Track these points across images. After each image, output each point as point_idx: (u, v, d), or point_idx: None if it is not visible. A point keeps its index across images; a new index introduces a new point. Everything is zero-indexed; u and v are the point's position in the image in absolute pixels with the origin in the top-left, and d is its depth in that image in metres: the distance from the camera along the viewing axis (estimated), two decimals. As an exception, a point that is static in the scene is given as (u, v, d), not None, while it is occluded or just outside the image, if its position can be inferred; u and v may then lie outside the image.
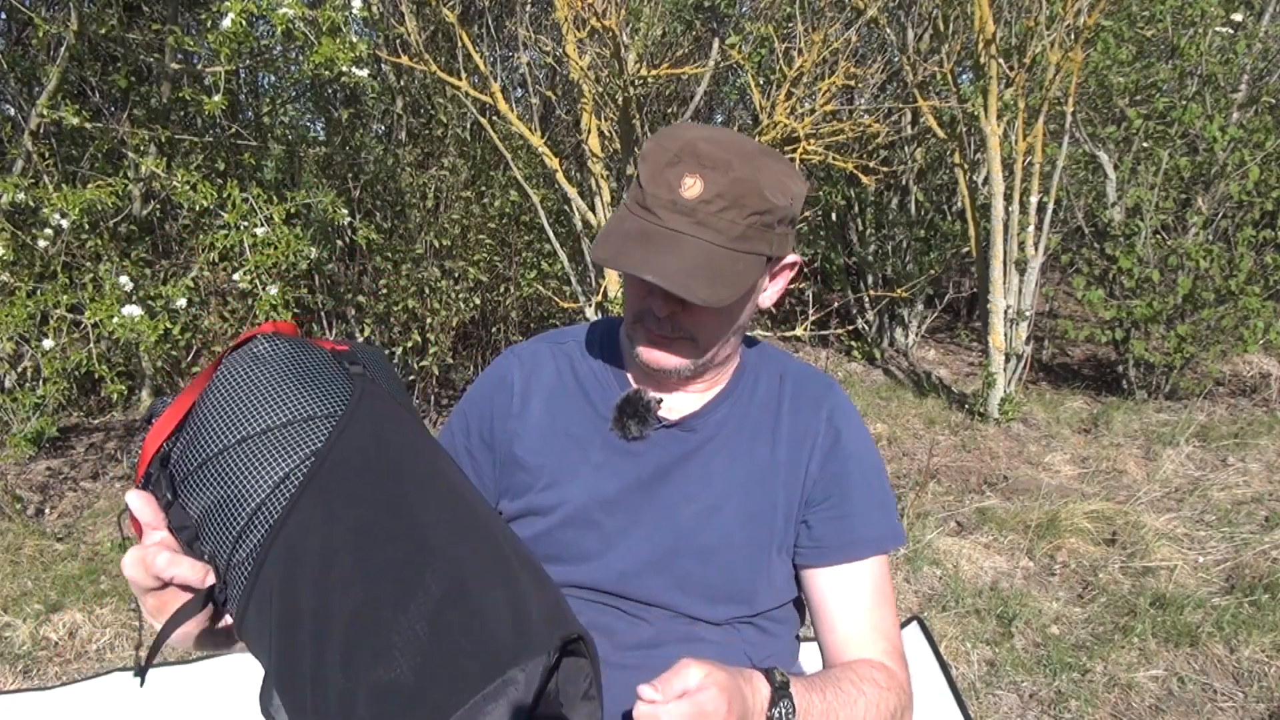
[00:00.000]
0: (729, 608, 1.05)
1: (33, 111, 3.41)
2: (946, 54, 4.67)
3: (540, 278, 4.77)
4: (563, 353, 1.15)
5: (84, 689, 1.56)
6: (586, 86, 3.79)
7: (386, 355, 0.98)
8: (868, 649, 1.03)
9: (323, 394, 0.82)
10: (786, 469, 1.06)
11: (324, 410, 0.81)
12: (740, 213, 0.92)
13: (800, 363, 1.16)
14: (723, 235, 0.92)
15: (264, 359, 0.83)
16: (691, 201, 0.91)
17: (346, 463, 0.78)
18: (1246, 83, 5.07)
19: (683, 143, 0.93)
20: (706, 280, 0.90)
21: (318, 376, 0.83)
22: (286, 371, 0.82)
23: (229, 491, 0.77)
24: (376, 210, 4.65)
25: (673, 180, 0.92)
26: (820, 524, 1.06)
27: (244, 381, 0.81)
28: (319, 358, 0.85)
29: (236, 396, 0.81)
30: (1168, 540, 3.21)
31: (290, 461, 0.77)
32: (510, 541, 0.83)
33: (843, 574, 1.05)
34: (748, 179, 0.92)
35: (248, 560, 0.75)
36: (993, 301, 4.54)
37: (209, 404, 0.81)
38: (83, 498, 3.59)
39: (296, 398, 0.81)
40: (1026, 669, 2.48)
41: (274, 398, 0.80)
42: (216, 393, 0.82)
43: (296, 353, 0.84)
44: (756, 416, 1.08)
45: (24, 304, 3.06)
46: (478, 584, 0.74)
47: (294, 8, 2.99)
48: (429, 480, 0.82)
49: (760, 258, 0.95)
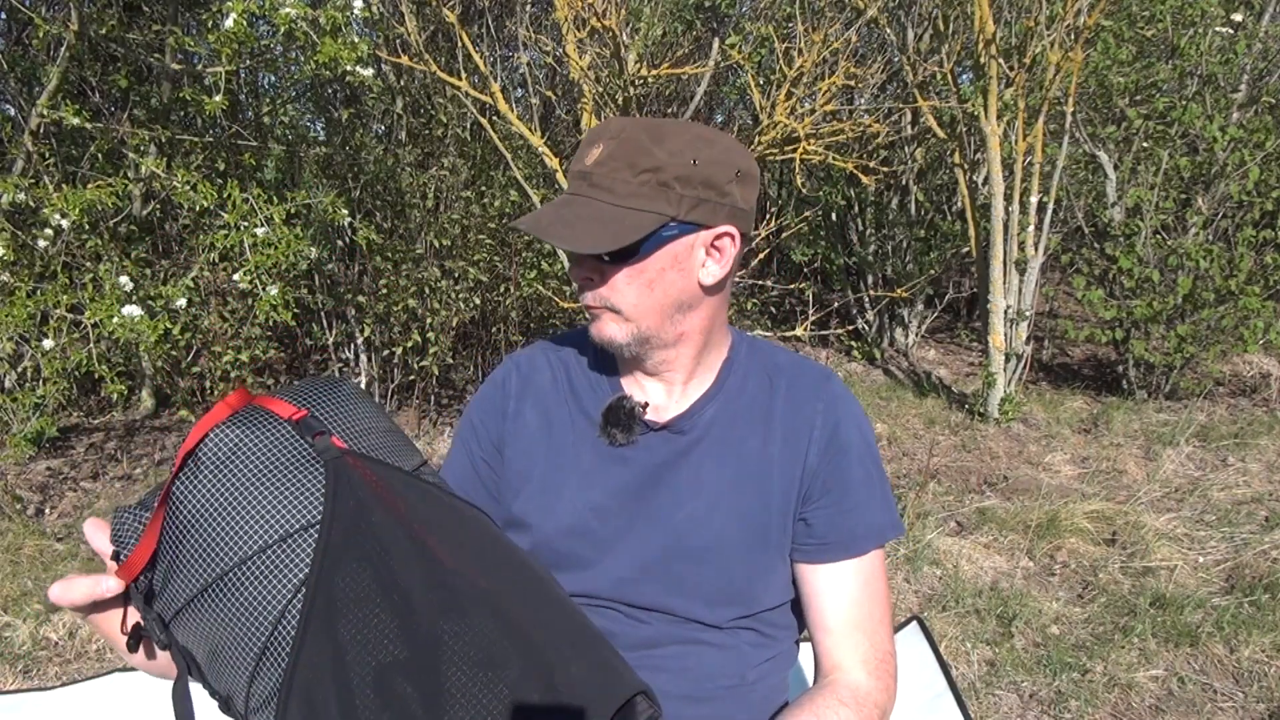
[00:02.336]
0: (728, 609, 1.04)
1: (33, 111, 3.42)
2: (946, 54, 4.67)
3: (540, 278, 4.77)
4: (558, 359, 1.15)
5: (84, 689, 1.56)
6: (586, 86, 3.79)
7: (345, 382, 0.93)
8: (855, 652, 1.03)
9: (294, 497, 0.77)
10: (781, 464, 1.05)
11: (300, 521, 0.76)
12: (631, 171, 0.95)
13: (795, 356, 1.15)
14: (614, 194, 0.96)
15: (223, 464, 0.78)
16: (589, 167, 0.97)
17: (341, 590, 0.75)
18: (1246, 83, 5.07)
19: (605, 123, 0.99)
20: (584, 230, 0.95)
21: (283, 475, 0.78)
22: (250, 478, 0.78)
23: (227, 635, 0.75)
24: (376, 210, 4.65)
25: (582, 153, 0.99)
26: (822, 520, 1.05)
27: (209, 500, 0.77)
28: (279, 443, 0.80)
29: (205, 521, 0.76)
30: (1168, 540, 3.21)
31: (281, 596, 0.74)
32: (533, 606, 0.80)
33: (842, 569, 1.05)
34: (637, 140, 0.96)
35: (267, 705, 0.74)
36: (993, 301, 4.54)
37: (178, 534, 0.77)
38: (83, 498, 3.59)
39: (268, 512, 0.76)
40: (1026, 669, 2.49)
41: (244, 517, 0.76)
42: (182, 518, 0.77)
43: (255, 446, 0.79)
44: (747, 413, 1.07)
45: (24, 304, 3.06)
46: (516, 688, 0.72)
47: (296, 8, 2.99)
48: (425, 567, 0.78)
49: (657, 216, 0.96)
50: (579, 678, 0.75)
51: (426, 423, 4.60)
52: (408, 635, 0.74)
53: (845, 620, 1.04)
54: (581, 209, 0.97)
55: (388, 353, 4.54)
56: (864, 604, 1.05)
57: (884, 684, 1.03)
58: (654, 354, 1.05)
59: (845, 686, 1.01)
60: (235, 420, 0.81)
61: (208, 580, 0.75)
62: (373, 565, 0.76)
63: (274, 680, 0.73)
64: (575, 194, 0.99)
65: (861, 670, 1.02)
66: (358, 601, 0.74)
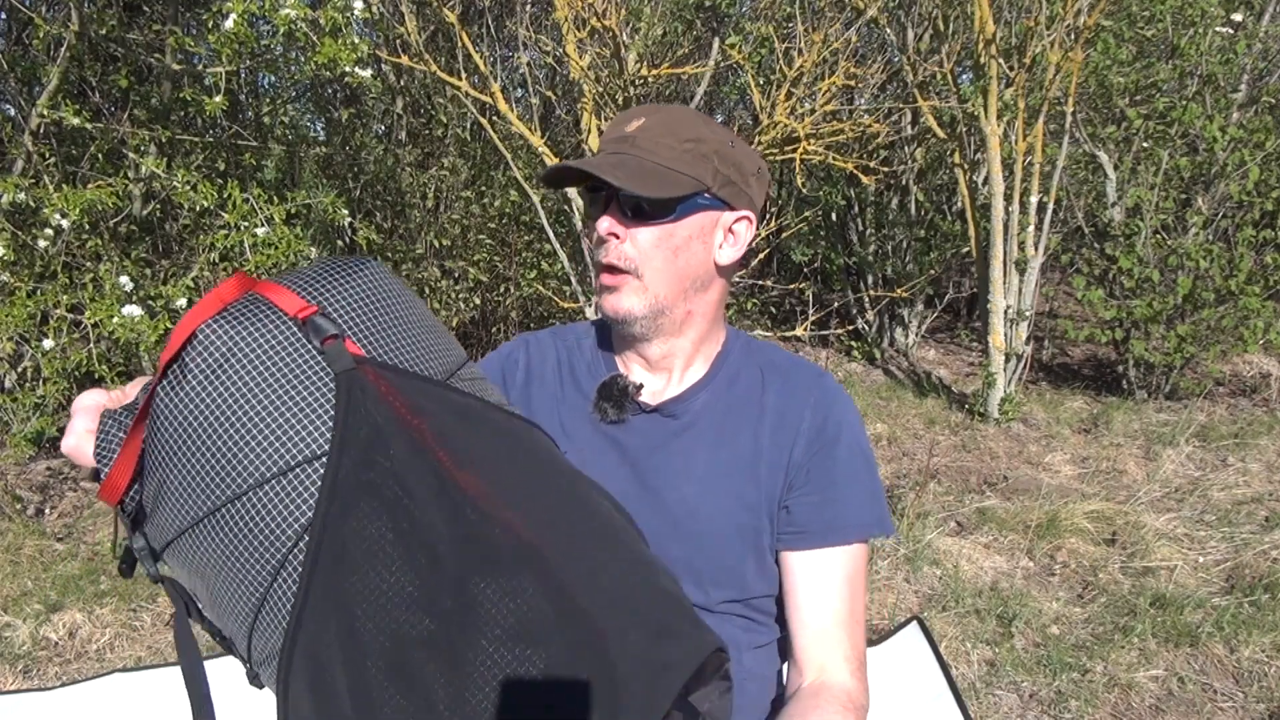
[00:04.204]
0: (720, 591, 1.05)
1: (33, 111, 3.42)
2: (946, 54, 4.67)
3: (540, 278, 4.77)
4: (564, 345, 1.18)
5: (84, 689, 1.56)
6: (587, 86, 3.79)
7: (366, 264, 0.77)
8: (838, 650, 1.03)
9: (298, 420, 0.66)
10: (769, 455, 1.06)
11: (304, 450, 0.66)
12: (675, 139, 0.99)
13: (790, 355, 1.17)
14: (658, 154, 0.99)
15: (213, 373, 0.66)
16: (631, 133, 1.01)
17: (352, 540, 0.65)
18: (1246, 83, 5.07)
19: (636, 108, 1.04)
20: (631, 175, 0.97)
21: (285, 390, 0.67)
22: (245, 395, 0.66)
23: (222, 579, 0.65)
24: (376, 210, 4.65)
25: (620, 122, 1.03)
26: (802, 509, 1.06)
27: (197, 419, 0.66)
28: (281, 348, 0.68)
29: (193, 444, 0.65)
30: (1168, 540, 3.21)
31: (281, 542, 0.64)
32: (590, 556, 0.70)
33: (822, 561, 1.06)
34: (681, 114, 1.02)
35: (269, 663, 0.65)
36: (993, 301, 4.54)
37: (164, 456, 0.67)
38: (83, 498, 3.59)
39: (266, 438, 0.65)
40: (1026, 669, 2.49)
41: (238, 444, 0.65)
42: (168, 437, 0.66)
43: (252, 351, 0.67)
44: (740, 405, 1.09)
45: (24, 304, 3.06)
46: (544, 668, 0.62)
47: (296, 8, 3.00)
48: (455, 514, 0.67)
49: (696, 181, 1.00)
50: (635, 649, 0.65)
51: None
52: (430, 600, 0.63)
53: (826, 615, 1.04)
54: (625, 160, 0.99)
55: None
56: (845, 599, 1.05)
57: (864, 685, 1.04)
58: (660, 335, 1.07)
59: (840, 690, 1.01)
60: (228, 316, 0.68)
61: (199, 514, 0.65)
62: (389, 511, 0.65)
63: (275, 638, 0.64)
64: (618, 152, 1.00)
65: (845, 670, 1.03)
66: (370, 555, 0.64)
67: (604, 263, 1.03)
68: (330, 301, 0.72)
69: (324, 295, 0.72)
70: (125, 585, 2.84)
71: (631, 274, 1.02)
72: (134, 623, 2.71)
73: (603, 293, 1.05)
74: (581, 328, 1.20)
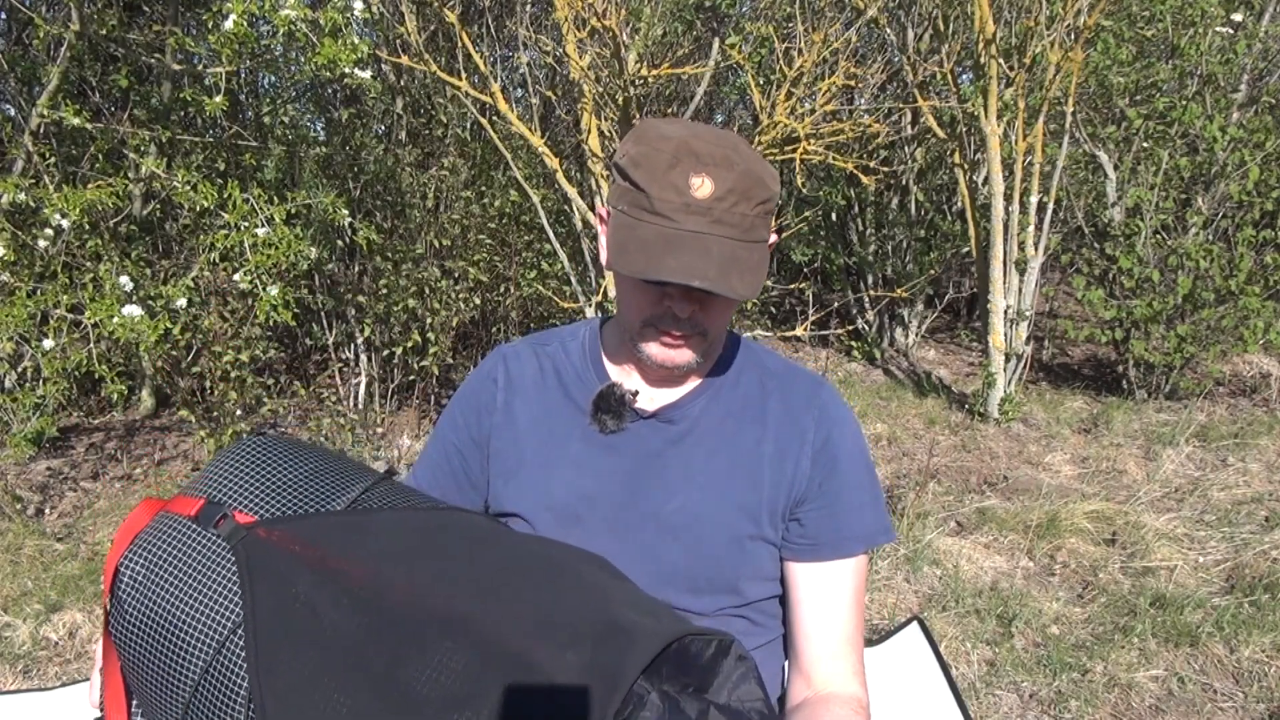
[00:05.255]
0: (715, 598, 1.05)
1: (33, 111, 3.42)
2: (946, 54, 4.67)
3: (540, 278, 4.77)
4: (546, 354, 1.16)
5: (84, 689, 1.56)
6: (587, 86, 3.79)
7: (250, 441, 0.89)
8: (848, 663, 1.04)
9: (216, 599, 0.75)
10: (773, 465, 1.06)
11: (229, 622, 0.74)
12: (749, 205, 0.93)
13: (785, 361, 1.17)
14: (738, 229, 0.93)
15: (141, 596, 0.77)
16: (705, 201, 0.92)
17: (287, 684, 0.71)
18: (1246, 83, 5.07)
19: (675, 143, 0.93)
20: (738, 275, 0.92)
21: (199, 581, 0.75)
22: (169, 600, 0.75)
23: None
24: (376, 210, 4.65)
25: (679, 182, 0.92)
26: (813, 521, 1.06)
27: (143, 638, 0.76)
28: (187, 547, 0.78)
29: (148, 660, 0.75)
30: (1168, 540, 3.21)
31: (237, 714, 0.71)
32: (520, 603, 0.74)
33: (830, 570, 1.06)
34: (751, 172, 0.94)
35: None
36: (993, 301, 4.54)
37: (136, 676, 0.76)
38: (83, 498, 3.60)
39: (197, 627, 0.74)
40: (1026, 669, 2.49)
41: (179, 642, 0.74)
42: (131, 660, 0.76)
43: (165, 563, 0.77)
44: (740, 410, 1.09)
45: (24, 304, 3.06)
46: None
47: (296, 9, 3.00)
48: (366, 614, 0.73)
49: (765, 244, 0.98)
50: (575, 665, 0.68)
51: (427, 423, 4.60)
52: (368, 706, 0.68)
53: (834, 627, 1.05)
54: (720, 251, 0.92)
55: (388, 353, 4.54)
56: (851, 610, 1.06)
57: (867, 690, 1.05)
58: (705, 363, 1.08)
59: (850, 697, 1.02)
60: (139, 544, 0.78)
61: (178, 716, 0.73)
62: (310, 639, 0.71)
63: None
64: (697, 232, 0.92)
65: (855, 682, 1.04)
66: (309, 688, 0.69)
67: (671, 330, 1.00)
68: (217, 488, 0.81)
69: (210, 485, 0.82)
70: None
71: (700, 335, 1.01)
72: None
73: (658, 347, 1.02)
74: (564, 333, 1.18)
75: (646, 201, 0.93)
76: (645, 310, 1.00)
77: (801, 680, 1.05)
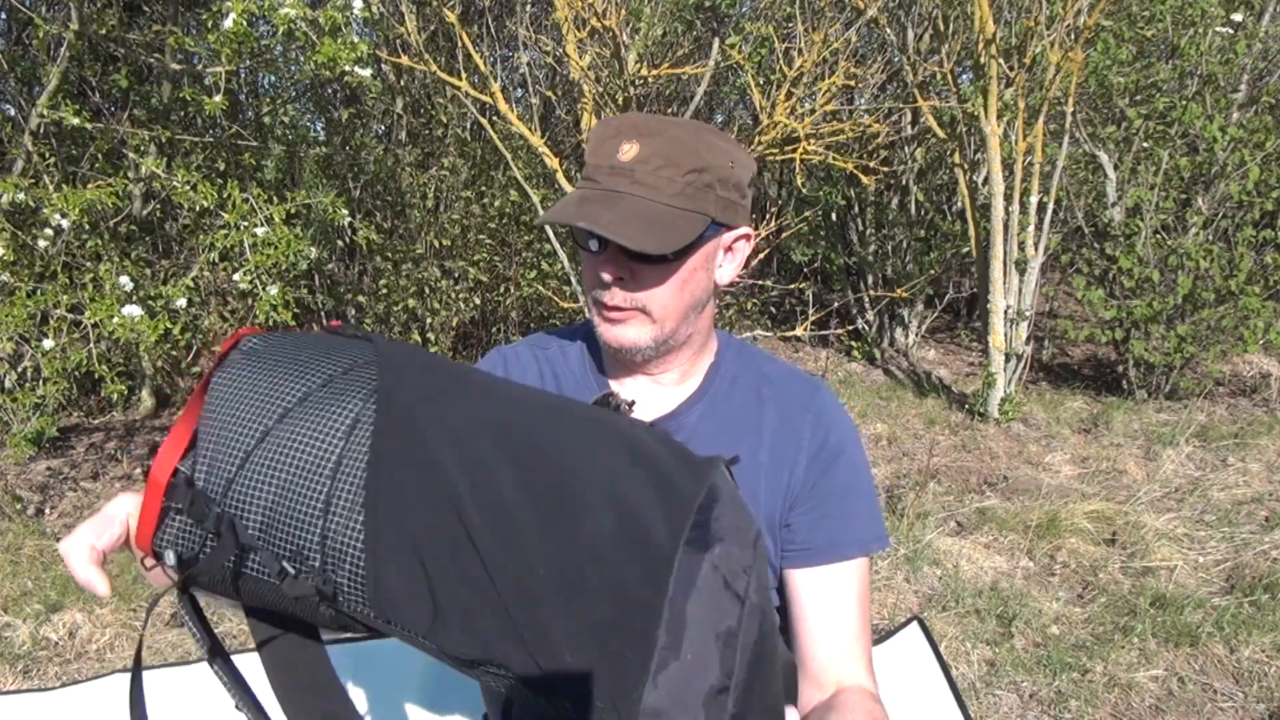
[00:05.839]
0: None
1: (33, 111, 3.41)
2: (946, 54, 4.67)
3: (540, 278, 4.77)
4: (545, 356, 1.15)
5: (84, 689, 1.56)
6: (587, 86, 3.79)
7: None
8: (854, 664, 1.03)
9: (343, 352, 0.73)
10: (769, 471, 1.05)
11: (357, 359, 0.72)
12: (677, 170, 0.94)
13: (783, 364, 1.15)
14: (660, 192, 0.94)
15: (260, 351, 0.73)
16: (628, 163, 0.94)
17: (415, 389, 0.70)
18: (1246, 83, 5.07)
19: (623, 120, 0.97)
20: (641, 229, 0.92)
21: (327, 343, 0.75)
22: (294, 349, 0.73)
23: (295, 464, 0.67)
24: (376, 210, 4.65)
25: (612, 149, 0.96)
26: (806, 525, 1.05)
27: (254, 372, 0.71)
28: (313, 335, 0.78)
29: (254, 385, 0.70)
30: (1168, 540, 3.21)
31: (352, 406, 0.68)
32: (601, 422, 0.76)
33: (829, 575, 1.05)
34: (682, 140, 0.95)
35: (351, 518, 0.66)
36: (993, 301, 4.54)
37: (223, 407, 0.70)
38: (83, 498, 3.60)
39: (320, 362, 0.72)
40: (1026, 669, 2.49)
41: (296, 370, 0.71)
42: (227, 393, 0.70)
43: (290, 336, 0.76)
44: (736, 420, 1.07)
45: (24, 304, 3.06)
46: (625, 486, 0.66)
47: (295, 8, 2.99)
48: (499, 389, 0.75)
49: (703, 217, 0.96)
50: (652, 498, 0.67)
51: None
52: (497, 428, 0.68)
53: (841, 632, 1.04)
54: (631, 206, 0.93)
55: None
56: (856, 614, 1.05)
57: (878, 691, 1.04)
58: (661, 356, 1.05)
59: (868, 696, 1.01)
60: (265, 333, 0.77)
61: (267, 427, 0.68)
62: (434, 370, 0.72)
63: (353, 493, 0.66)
64: (615, 190, 0.94)
65: (868, 678, 1.03)
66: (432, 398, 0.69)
67: (606, 303, 1.00)
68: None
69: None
70: (125, 585, 2.83)
71: (639, 310, 1.00)
72: (134, 623, 2.71)
73: (603, 323, 1.02)
74: (563, 336, 1.17)
75: (586, 170, 0.98)
76: (590, 284, 1.02)
77: (812, 687, 1.04)
